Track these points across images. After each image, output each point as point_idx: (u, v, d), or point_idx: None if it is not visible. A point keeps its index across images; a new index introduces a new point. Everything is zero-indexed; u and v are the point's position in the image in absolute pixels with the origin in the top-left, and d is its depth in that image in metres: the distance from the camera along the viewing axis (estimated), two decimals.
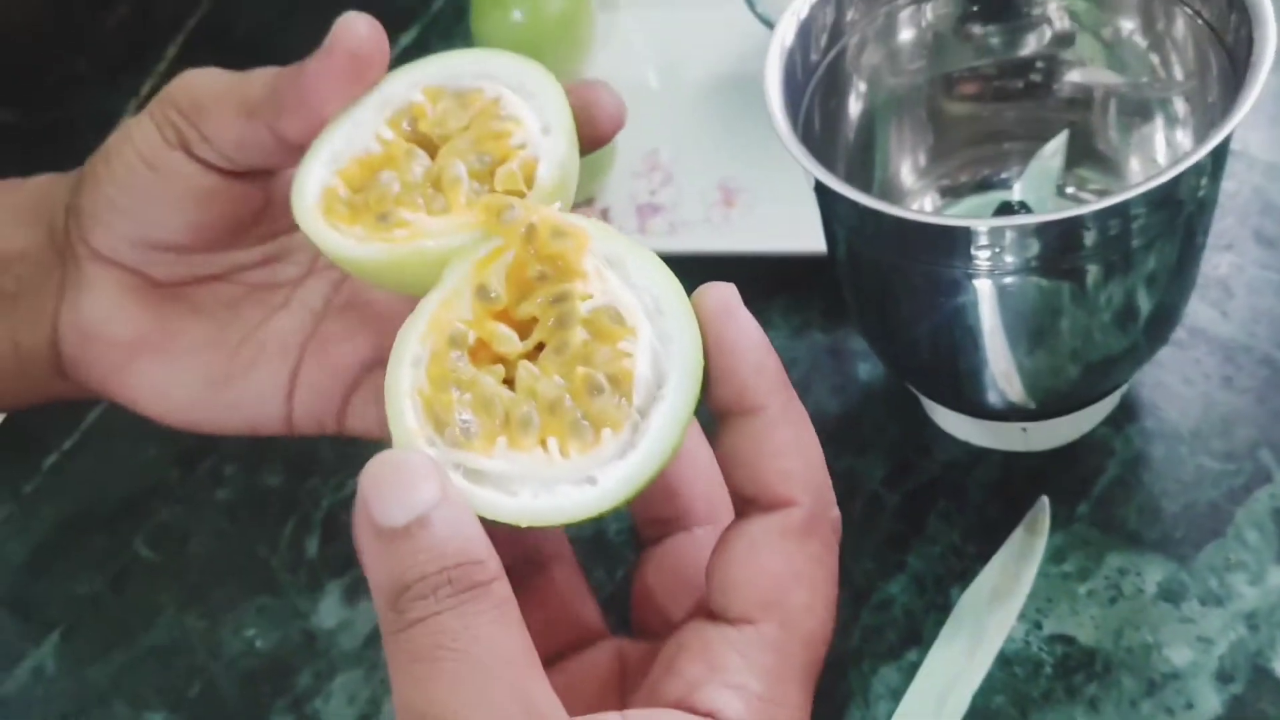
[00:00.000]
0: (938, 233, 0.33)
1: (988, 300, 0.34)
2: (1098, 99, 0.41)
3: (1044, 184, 0.42)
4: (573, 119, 0.30)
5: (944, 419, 0.42)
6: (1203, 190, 0.33)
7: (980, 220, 0.32)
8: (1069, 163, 0.42)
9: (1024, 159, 0.42)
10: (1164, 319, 0.37)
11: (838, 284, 0.39)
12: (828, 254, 0.38)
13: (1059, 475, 0.40)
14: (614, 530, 0.43)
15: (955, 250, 0.32)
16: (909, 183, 0.43)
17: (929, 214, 0.42)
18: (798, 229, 0.43)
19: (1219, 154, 0.33)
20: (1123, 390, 0.41)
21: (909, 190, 0.43)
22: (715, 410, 0.28)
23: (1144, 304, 0.35)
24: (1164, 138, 0.40)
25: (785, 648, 0.27)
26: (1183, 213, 0.33)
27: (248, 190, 0.34)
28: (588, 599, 0.33)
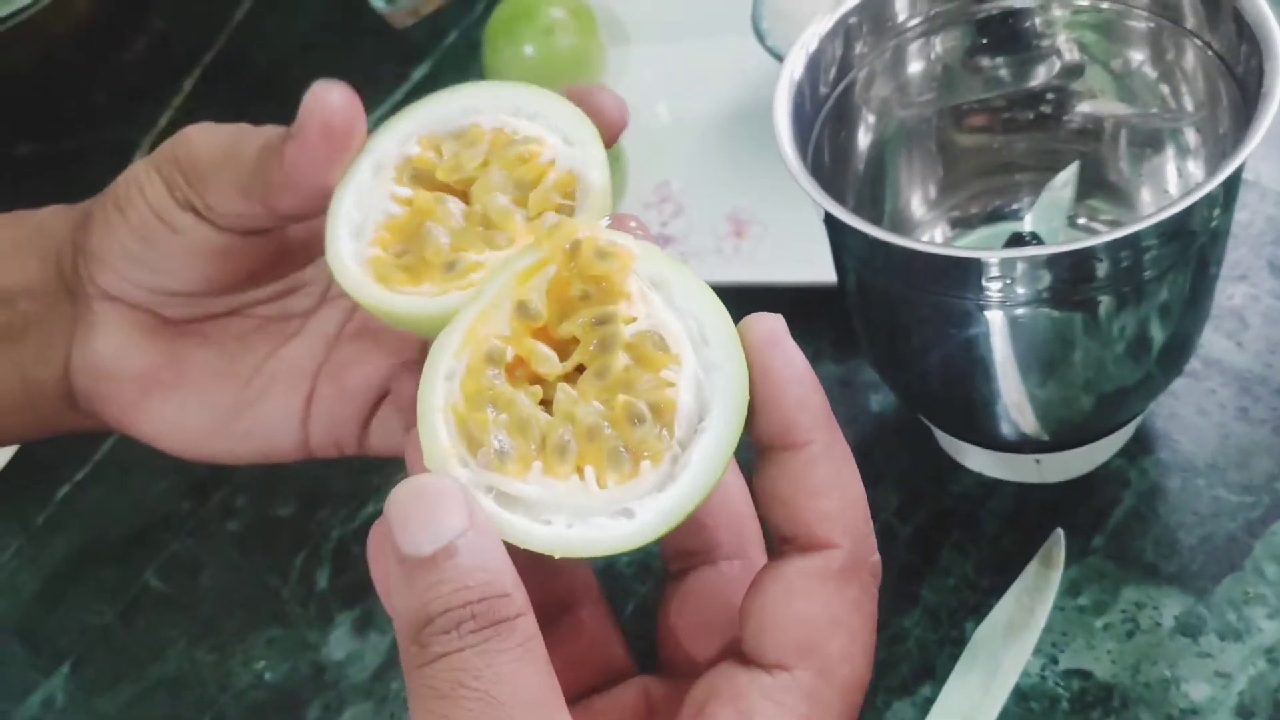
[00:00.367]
0: (948, 264, 0.33)
1: (999, 332, 0.34)
2: (1108, 130, 0.40)
3: (1055, 215, 0.42)
4: (589, 122, 0.30)
5: (956, 450, 0.42)
6: (1215, 221, 0.33)
7: (991, 252, 0.32)
8: (1080, 194, 0.41)
9: (1035, 190, 0.42)
10: (1178, 350, 0.36)
11: (848, 315, 0.39)
12: (838, 285, 0.38)
13: (1074, 507, 0.40)
14: (624, 561, 0.42)
15: (966, 281, 0.32)
16: (919, 214, 0.43)
17: (939, 245, 0.41)
18: (808, 260, 0.43)
19: (1231, 184, 0.32)
20: (1137, 422, 0.40)
21: (919, 221, 0.43)
22: (756, 443, 0.27)
23: (1157, 335, 0.35)
24: (1175, 168, 0.39)
25: (821, 696, 0.26)
26: (1195, 243, 0.33)
27: (262, 243, 0.34)
28: (615, 636, 0.32)
